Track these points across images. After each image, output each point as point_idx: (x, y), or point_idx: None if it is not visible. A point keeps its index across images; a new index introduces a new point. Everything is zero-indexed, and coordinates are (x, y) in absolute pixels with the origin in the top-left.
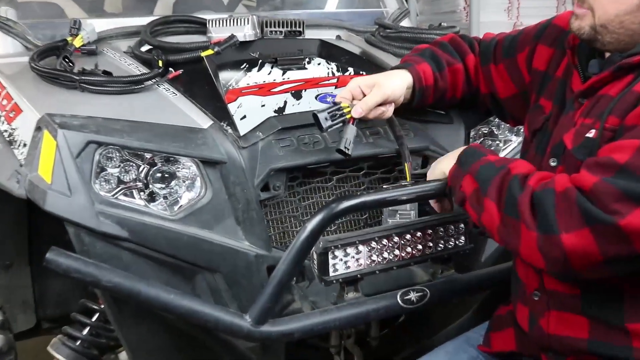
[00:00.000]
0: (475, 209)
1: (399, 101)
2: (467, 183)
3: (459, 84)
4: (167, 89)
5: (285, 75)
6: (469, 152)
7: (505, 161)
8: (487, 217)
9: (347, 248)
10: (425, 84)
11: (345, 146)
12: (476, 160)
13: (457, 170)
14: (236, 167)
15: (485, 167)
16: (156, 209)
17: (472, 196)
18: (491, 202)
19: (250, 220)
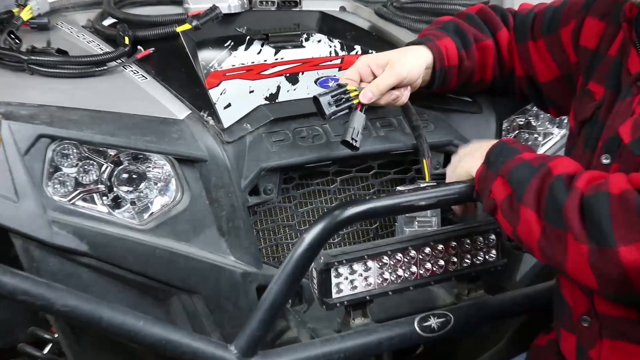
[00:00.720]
0: (509, 219)
1: (416, 84)
2: (498, 188)
3: (489, 64)
4: (135, 72)
5: (279, 55)
6: (500, 149)
7: (544, 159)
8: (524, 228)
9: (354, 264)
10: (447, 64)
11: (352, 137)
12: (509, 159)
13: (485, 171)
14: (219, 166)
15: (520, 167)
16: (122, 217)
17: (504, 203)
18: (529, 211)
19: (236, 231)
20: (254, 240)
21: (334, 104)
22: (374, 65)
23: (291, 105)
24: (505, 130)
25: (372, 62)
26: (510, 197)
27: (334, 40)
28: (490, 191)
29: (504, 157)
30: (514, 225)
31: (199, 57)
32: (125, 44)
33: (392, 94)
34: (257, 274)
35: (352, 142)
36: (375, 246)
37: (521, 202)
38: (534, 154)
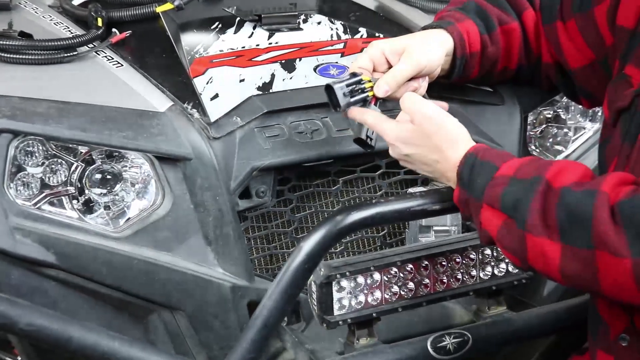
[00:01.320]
0: (514, 251)
1: (435, 73)
2: (489, 218)
3: (514, 50)
4: (110, 58)
5: (273, 39)
6: (471, 165)
7: (531, 169)
8: (537, 258)
9: (359, 277)
10: (469, 51)
11: (367, 135)
12: (488, 180)
13: (463, 195)
14: (205, 166)
15: (509, 189)
16: (94, 224)
17: (502, 234)
18: (539, 238)
19: (224, 239)
20: (244, 250)
21: (349, 95)
22: (389, 52)
23: (287, 96)
24: (530, 124)
25: (387, 49)
26: (509, 226)
27: (336, 21)
28: (480, 222)
29: (481, 178)
30: (522, 256)
31: (182, 41)
32: (98, 26)
33: (410, 86)
34: (248, 287)
35: (367, 140)
36: (382, 256)
37: (525, 229)
38: (513, 160)
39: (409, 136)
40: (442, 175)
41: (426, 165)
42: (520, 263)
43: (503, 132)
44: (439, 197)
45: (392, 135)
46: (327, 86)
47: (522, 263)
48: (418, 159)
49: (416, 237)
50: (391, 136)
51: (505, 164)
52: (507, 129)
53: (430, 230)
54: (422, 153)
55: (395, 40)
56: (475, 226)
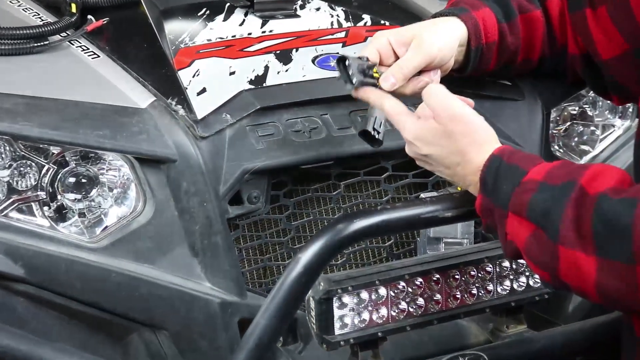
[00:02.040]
0: (543, 264)
1: (447, 66)
2: (516, 227)
3: (537, 40)
4: (85, 48)
5: (267, 27)
6: (496, 169)
7: (563, 173)
8: (570, 272)
9: (362, 292)
10: (485, 41)
11: (374, 127)
12: (515, 186)
13: (487, 203)
14: (191, 168)
15: (538, 196)
16: (68, 233)
17: (530, 246)
18: (572, 250)
19: (213, 250)
20: (235, 262)
21: (362, 74)
22: (397, 42)
23: (282, 91)
24: (554, 121)
25: (393, 39)
26: (537, 236)
27: (337, 7)
28: (505, 232)
29: (508, 184)
30: (552, 270)
31: (166, 29)
32: (72, 12)
33: (420, 81)
34: (239, 304)
35: (374, 133)
36: (389, 269)
37: (557, 241)
38: (543, 164)
39: (431, 135)
40: (462, 179)
41: (446, 168)
42: (551, 279)
43: (523, 130)
44: (453, 203)
45: (412, 132)
46: (342, 58)
47: (553, 279)
48: (438, 160)
49: (424, 246)
50: (410, 133)
51: (534, 168)
52: (528, 126)
53: (440, 242)
54: (443, 154)
55: (403, 30)
56: (499, 238)
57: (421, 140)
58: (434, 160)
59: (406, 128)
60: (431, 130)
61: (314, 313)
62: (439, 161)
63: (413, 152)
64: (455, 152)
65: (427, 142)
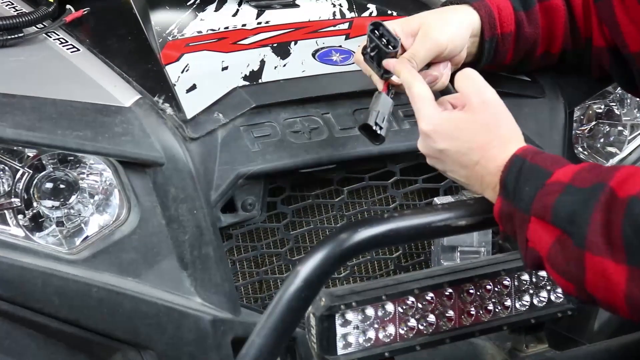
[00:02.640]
0: (568, 273)
1: (459, 59)
2: (538, 233)
3: (558, 31)
4: (63, 41)
5: (263, 18)
6: (517, 170)
7: (592, 175)
8: (597, 282)
9: (367, 308)
10: (501, 31)
11: (376, 122)
12: (539, 188)
13: (507, 207)
14: (180, 172)
15: (563, 198)
16: (44, 243)
17: (554, 254)
18: (600, 258)
19: (203, 262)
20: (228, 275)
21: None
22: (403, 33)
23: (280, 88)
24: (577, 120)
25: (400, 29)
26: (562, 242)
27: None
28: (526, 239)
29: (531, 186)
30: (577, 280)
31: (152, 20)
32: (49, 2)
33: (429, 75)
34: (232, 321)
35: (376, 128)
36: (397, 282)
37: (584, 248)
38: (570, 166)
39: (453, 127)
40: (478, 181)
41: (462, 167)
42: (576, 290)
43: (543, 130)
44: (468, 210)
45: (432, 122)
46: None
47: (578, 290)
48: (455, 157)
49: (437, 257)
50: (430, 123)
51: (560, 169)
52: (549, 126)
53: (454, 251)
54: (462, 150)
55: (410, 19)
56: (518, 246)
57: (440, 132)
58: (449, 158)
59: (426, 116)
60: (454, 121)
61: (315, 331)
62: (456, 158)
63: (427, 147)
64: (475, 148)
65: (446, 135)
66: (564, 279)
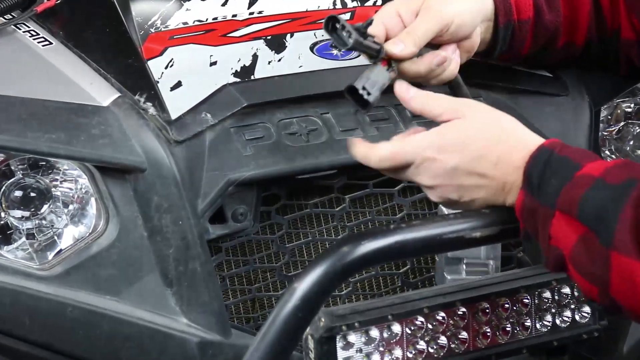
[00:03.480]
0: (593, 275)
1: (471, 44)
2: (562, 229)
3: (582, 20)
4: (34, 34)
5: (255, 7)
6: (544, 162)
7: (626, 170)
8: (624, 285)
9: (372, 329)
10: (517, 17)
11: (364, 86)
12: (567, 180)
13: (530, 202)
14: (164, 179)
15: (592, 192)
16: (13, 258)
17: (578, 252)
18: (628, 258)
19: (190, 278)
20: (217, 293)
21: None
22: (406, 11)
23: (274, 85)
24: (604, 121)
25: (402, 8)
26: (588, 240)
27: None
28: (548, 235)
29: (558, 179)
30: (602, 283)
31: (133, 10)
32: None
33: (437, 55)
34: (222, 344)
35: (363, 92)
36: (404, 301)
37: (611, 246)
38: (600, 162)
39: (457, 135)
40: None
41: (479, 178)
42: (599, 294)
43: (567, 131)
44: (482, 220)
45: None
46: (332, 18)
47: (602, 294)
48: (469, 169)
49: (442, 273)
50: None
51: (591, 163)
52: (573, 127)
53: (460, 264)
54: (475, 157)
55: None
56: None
57: (446, 147)
58: (464, 173)
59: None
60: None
61: (314, 355)
62: (471, 169)
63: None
64: (492, 149)
65: (453, 147)
66: (587, 281)
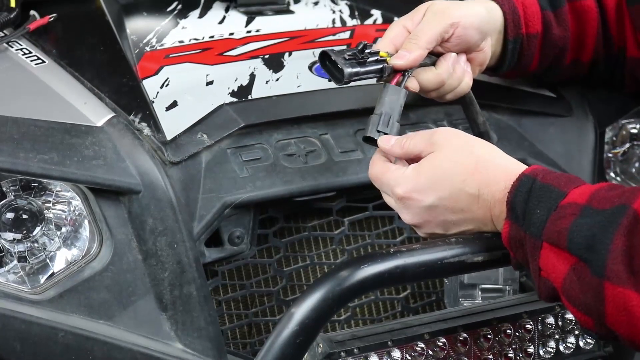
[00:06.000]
0: (587, 306)
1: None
2: (552, 261)
3: (589, 37)
4: (27, 52)
5: (253, 26)
6: (527, 190)
7: (613, 196)
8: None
9: (371, 355)
10: (526, 31)
11: (378, 129)
12: (552, 210)
13: (516, 232)
14: (159, 201)
15: (580, 221)
16: (4, 281)
17: (570, 284)
18: (621, 288)
19: (185, 303)
20: (214, 318)
21: (357, 64)
22: (412, 24)
23: (272, 105)
24: (609, 142)
25: (408, 23)
26: (579, 271)
27: (340, 1)
28: (538, 267)
29: (543, 208)
30: (597, 314)
31: (128, 28)
32: (11, 7)
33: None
34: None
35: (379, 135)
36: (404, 326)
37: (603, 277)
38: (586, 186)
39: (431, 174)
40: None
41: (462, 213)
42: (595, 325)
43: (571, 153)
44: (485, 244)
45: (403, 183)
46: (322, 53)
47: (598, 325)
48: (449, 205)
49: (456, 299)
50: (401, 186)
51: (576, 189)
52: (577, 149)
53: (475, 289)
54: (455, 191)
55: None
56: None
57: (419, 188)
58: (444, 210)
59: (394, 181)
60: (428, 167)
61: None
62: (451, 206)
63: (413, 215)
64: (469, 181)
65: (427, 187)
66: (581, 313)
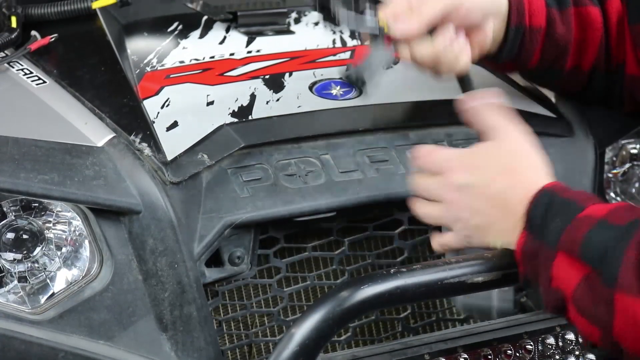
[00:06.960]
0: (595, 316)
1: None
2: (565, 270)
3: (592, 44)
4: (28, 72)
5: (253, 46)
6: (546, 203)
7: (629, 213)
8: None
9: None
10: (529, 23)
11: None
12: (569, 221)
13: (532, 243)
14: (159, 222)
15: (595, 232)
16: (5, 302)
17: (580, 293)
18: (633, 299)
19: (185, 323)
20: (214, 338)
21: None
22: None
23: (273, 125)
24: (609, 162)
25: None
26: (591, 280)
27: None
28: (550, 277)
29: (561, 220)
30: (605, 325)
31: (128, 48)
32: (12, 27)
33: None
34: None
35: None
36: (405, 346)
37: (614, 287)
38: (603, 204)
39: (481, 157)
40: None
41: (487, 200)
42: (601, 336)
43: (571, 173)
44: (486, 265)
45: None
46: None
47: (604, 336)
48: (476, 191)
49: None
50: (451, 158)
51: (595, 205)
52: (577, 169)
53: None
54: (486, 181)
55: None
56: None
57: (463, 164)
58: (470, 193)
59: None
60: (481, 151)
61: None
62: (478, 192)
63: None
64: (502, 174)
65: (470, 166)
66: (589, 323)
